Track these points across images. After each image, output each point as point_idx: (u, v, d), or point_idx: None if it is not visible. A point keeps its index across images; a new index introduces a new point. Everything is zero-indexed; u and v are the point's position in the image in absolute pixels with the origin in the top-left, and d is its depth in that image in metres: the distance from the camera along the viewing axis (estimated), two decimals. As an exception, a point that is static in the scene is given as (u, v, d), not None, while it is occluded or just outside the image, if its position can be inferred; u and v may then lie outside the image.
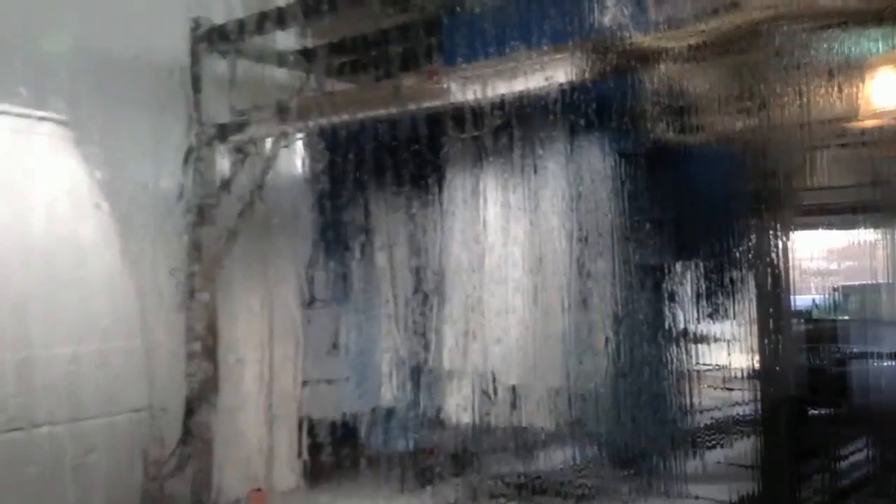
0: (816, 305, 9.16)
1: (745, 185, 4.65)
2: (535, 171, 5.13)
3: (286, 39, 6.24)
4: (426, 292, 6.18)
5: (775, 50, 3.80)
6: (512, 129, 4.93)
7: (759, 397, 5.36)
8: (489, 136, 4.95)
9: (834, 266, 9.35)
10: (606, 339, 5.26)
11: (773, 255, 4.81)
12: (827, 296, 9.20)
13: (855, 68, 4.02)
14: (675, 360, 5.50)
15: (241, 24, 5.84)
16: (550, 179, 5.18)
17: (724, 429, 8.06)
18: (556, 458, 6.70)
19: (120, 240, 4.57)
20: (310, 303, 6.93)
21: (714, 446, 7.55)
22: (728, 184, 4.91)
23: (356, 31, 5.63)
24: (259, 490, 5.87)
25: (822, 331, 7.84)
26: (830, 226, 8.37)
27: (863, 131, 4.81)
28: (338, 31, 5.74)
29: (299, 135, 6.06)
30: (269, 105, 5.61)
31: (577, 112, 4.59)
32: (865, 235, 6.63)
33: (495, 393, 5.78)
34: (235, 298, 6.37)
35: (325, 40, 5.94)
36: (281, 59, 6.19)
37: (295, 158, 6.50)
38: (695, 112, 4.39)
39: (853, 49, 3.90)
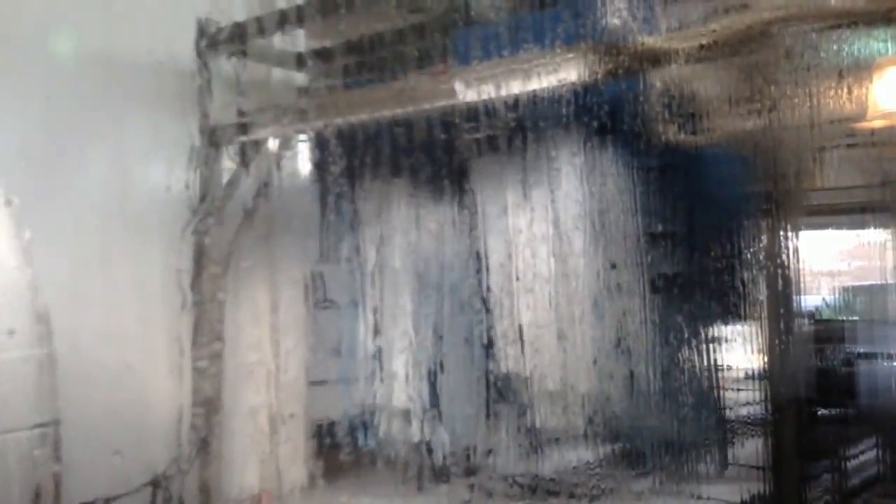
0: (827, 305, 9.14)
1: (754, 186, 4.65)
2: (549, 173, 5.14)
3: (293, 40, 6.26)
4: (436, 293, 6.16)
5: (785, 50, 3.79)
6: (523, 130, 4.94)
7: (766, 398, 5.35)
8: (501, 137, 4.95)
9: (843, 266, 9.34)
10: (619, 340, 5.27)
11: (782, 256, 4.79)
12: (836, 296, 9.19)
13: (864, 69, 4.01)
14: (685, 362, 5.49)
15: (248, 25, 5.85)
16: (563, 182, 5.20)
17: (732, 429, 8.04)
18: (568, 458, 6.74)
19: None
20: (317, 303, 6.95)
21: (723, 446, 7.55)
22: (736, 185, 4.90)
23: (363, 31, 5.65)
24: (265, 491, 5.88)
25: (830, 331, 7.82)
26: (839, 226, 8.35)
27: (872, 132, 4.80)
28: (344, 31, 5.75)
29: (306, 135, 6.07)
30: (275, 105, 5.62)
31: (586, 113, 4.60)
32: (874, 236, 6.62)
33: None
34: (242, 298, 6.39)
35: (331, 41, 5.96)
36: (287, 60, 6.21)
37: (302, 158, 6.51)
38: (702, 113, 4.39)
39: (862, 49, 3.90)
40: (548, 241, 5.29)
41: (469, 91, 4.54)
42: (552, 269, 5.36)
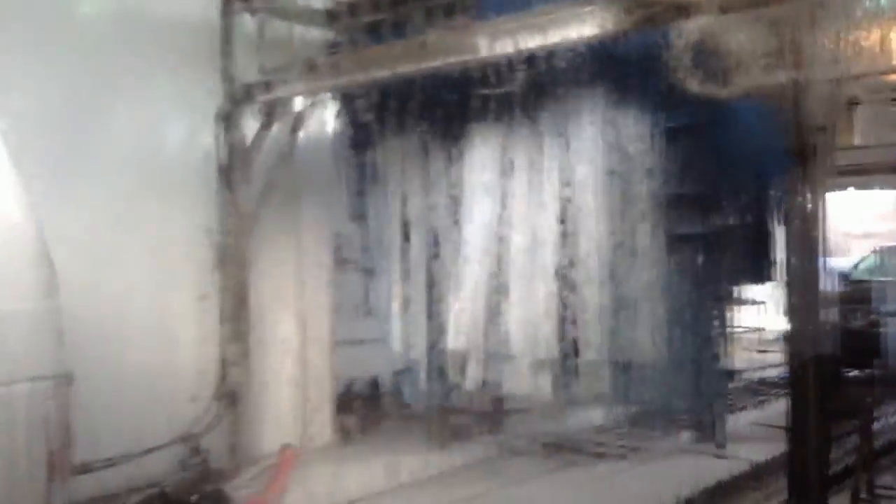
0: (857, 267, 9.01)
1: (783, 143, 4.50)
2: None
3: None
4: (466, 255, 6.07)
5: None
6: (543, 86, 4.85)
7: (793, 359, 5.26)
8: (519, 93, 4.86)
9: (878, 228, 9.16)
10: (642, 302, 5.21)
11: (814, 216, 4.63)
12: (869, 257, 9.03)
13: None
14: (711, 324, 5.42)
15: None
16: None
17: (757, 390, 8.00)
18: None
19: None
20: (344, 262, 6.96)
21: (747, 408, 7.53)
22: (764, 142, 4.78)
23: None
24: (289, 446, 5.94)
25: (862, 292, 7.70)
26: (873, 186, 8.17)
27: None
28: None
29: (330, 93, 6.01)
30: (298, 63, 5.56)
31: (609, 67, 4.51)
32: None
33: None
34: (269, 257, 6.41)
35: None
36: (310, 18, 6.14)
37: (326, 117, 6.45)
38: (734, 66, 4.23)
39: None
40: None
41: (493, 45, 4.45)
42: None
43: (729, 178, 4.94)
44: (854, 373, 7.16)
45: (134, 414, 5.41)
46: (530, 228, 5.45)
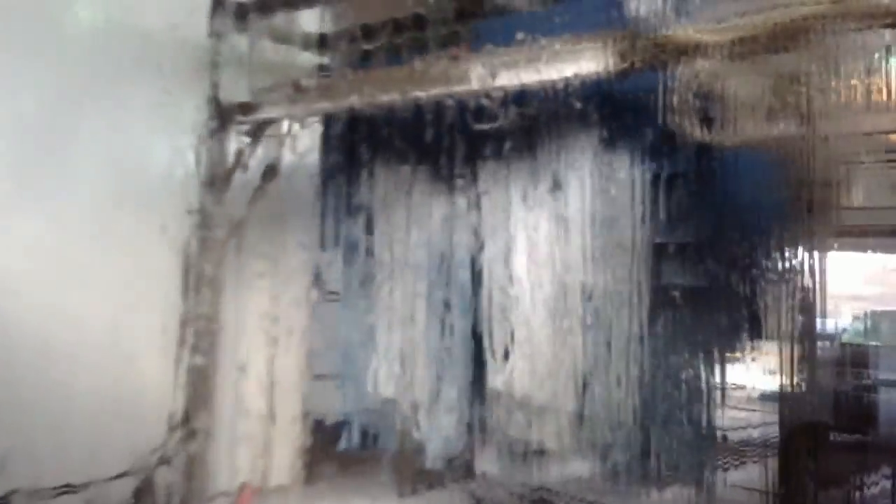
0: (846, 329, 8.88)
1: (778, 200, 4.34)
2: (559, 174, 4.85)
3: (308, 20, 6.07)
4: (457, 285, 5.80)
5: (822, 50, 3.51)
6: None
7: (780, 420, 5.07)
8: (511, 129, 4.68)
9: (869, 291, 9.05)
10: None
11: (806, 277, 4.46)
12: (858, 321, 8.92)
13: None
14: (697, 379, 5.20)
15: (262, 3, 5.66)
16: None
17: (742, 451, 7.81)
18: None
19: None
20: (319, 294, 6.73)
21: (731, 468, 7.32)
22: (759, 198, 4.61)
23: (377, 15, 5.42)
24: (247, 484, 5.67)
25: (852, 355, 7.57)
26: (869, 249, 8.05)
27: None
28: (359, 14, 5.55)
29: (316, 117, 5.84)
30: (285, 85, 5.41)
31: (605, 107, 4.35)
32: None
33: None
34: (243, 284, 6.18)
35: (346, 23, 5.75)
36: (300, 41, 6.01)
37: (311, 141, 6.28)
38: (730, 115, 4.08)
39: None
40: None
41: (487, 77, 4.30)
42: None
43: (720, 228, 4.73)
44: (839, 438, 7.00)
45: (84, 442, 5.15)
46: (509, 267, 5.22)
